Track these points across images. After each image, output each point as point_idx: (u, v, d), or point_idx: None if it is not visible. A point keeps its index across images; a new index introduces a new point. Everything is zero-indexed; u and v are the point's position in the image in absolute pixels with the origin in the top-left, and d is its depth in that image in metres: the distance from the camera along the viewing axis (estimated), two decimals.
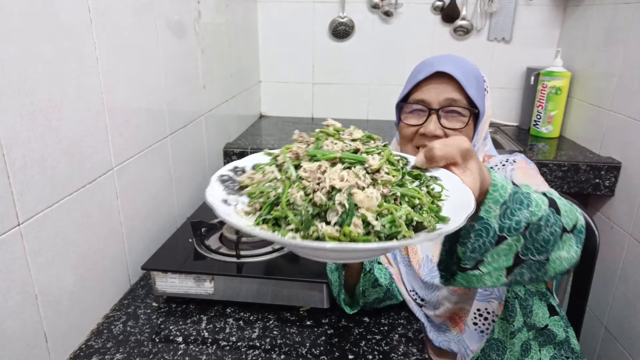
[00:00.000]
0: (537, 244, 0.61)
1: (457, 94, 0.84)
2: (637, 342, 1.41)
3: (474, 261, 0.60)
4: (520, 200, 0.59)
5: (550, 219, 0.61)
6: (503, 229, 0.58)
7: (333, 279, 0.87)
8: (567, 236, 0.64)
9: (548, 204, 0.62)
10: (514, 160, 0.90)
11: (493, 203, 0.58)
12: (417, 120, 0.87)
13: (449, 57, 0.89)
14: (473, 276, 0.61)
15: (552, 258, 0.63)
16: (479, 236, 0.59)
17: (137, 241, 1.05)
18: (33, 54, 0.70)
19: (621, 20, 1.53)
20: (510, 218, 0.58)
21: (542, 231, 0.60)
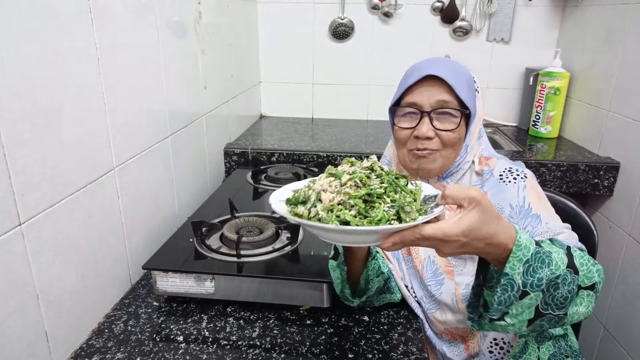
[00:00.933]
0: (557, 300, 0.67)
1: (448, 96, 0.85)
2: (636, 341, 1.42)
3: (500, 312, 0.67)
4: (542, 259, 0.65)
5: (568, 278, 0.66)
6: (526, 284, 0.64)
7: (335, 275, 0.87)
8: (584, 293, 0.69)
9: (567, 263, 0.67)
10: (525, 176, 0.90)
11: (517, 261, 0.63)
12: (410, 123, 0.88)
13: (439, 60, 0.90)
14: (499, 326, 0.68)
15: (570, 313, 0.68)
16: (504, 290, 0.64)
17: (138, 241, 1.05)
18: (34, 54, 0.71)
19: (620, 21, 1.53)
20: (533, 275, 0.64)
21: (560, 289, 0.66)
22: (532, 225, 0.84)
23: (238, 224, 1.09)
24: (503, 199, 0.88)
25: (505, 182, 0.89)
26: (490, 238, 0.61)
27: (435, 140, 0.87)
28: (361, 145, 1.74)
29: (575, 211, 1.17)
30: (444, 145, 0.87)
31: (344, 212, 0.60)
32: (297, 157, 1.65)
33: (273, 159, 1.67)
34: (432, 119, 0.86)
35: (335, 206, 0.61)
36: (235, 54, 1.75)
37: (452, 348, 0.96)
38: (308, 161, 1.65)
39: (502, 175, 0.91)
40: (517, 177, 0.89)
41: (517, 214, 0.86)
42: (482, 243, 0.61)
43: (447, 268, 0.94)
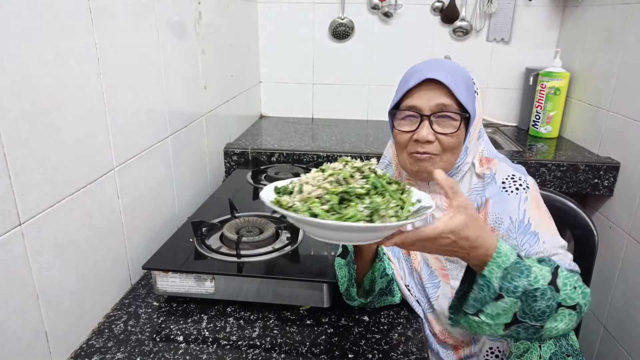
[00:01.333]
0: (535, 312, 0.71)
1: (447, 99, 0.85)
2: (636, 341, 1.42)
3: (475, 309, 0.71)
4: (520, 270, 0.70)
5: (547, 294, 0.71)
6: (502, 289, 0.69)
7: (341, 274, 0.87)
8: (566, 311, 0.73)
9: (549, 281, 0.72)
10: (527, 186, 0.89)
11: (496, 266, 0.69)
12: (409, 127, 0.88)
13: (438, 63, 0.89)
14: (473, 321, 0.72)
15: (547, 327, 0.72)
16: (481, 290, 0.70)
17: (138, 241, 1.05)
18: (34, 54, 0.71)
19: (620, 21, 1.53)
20: (510, 282, 0.69)
21: (538, 302, 0.70)
22: (529, 244, 0.84)
23: (238, 224, 1.09)
24: (504, 210, 0.87)
25: (507, 191, 0.88)
26: (475, 240, 0.67)
27: (435, 144, 0.87)
28: (361, 145, 1.74)
29: (575, 211, 1.17)
30: (444, 149, 0.87)
31: (315, 205, 0.63)
32: (297, 157, 1.65)
33: (273, 159, 1.67)
34: (431, 123, 0.86)
35: (311, 199, 0.64)
36: (235, 54, 1.75)
37: (444, 350, 0.97)
38: (308, 161, 1.65)
39: (505, 183, 0.90)
40: (519, 188, 0.88)
41: (515, 229, 0.85)
42: (467, 244, 0.67)
43: (442, 271, 0.94)
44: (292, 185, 0.70)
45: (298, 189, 0.68)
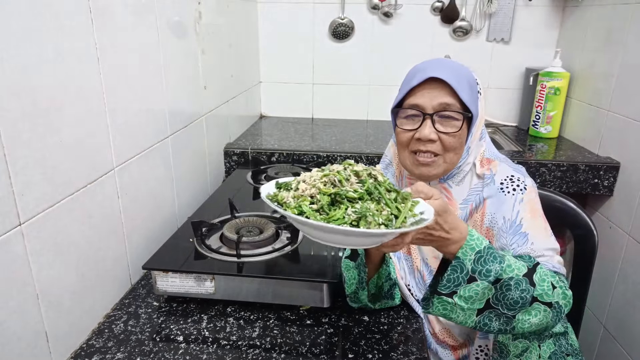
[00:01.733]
0: (507, 300, 0.74)
1: (450, 99, 0.85)
2: (636, 341, 1.42)
3: (449, 290, 0.74)
4: (494, 255, 0.73)
5: (521, 285, 0.73)
6: (475, 271, 0.72)
7: (350, 276, 0.87)
8: (541, 307, 0.75)
9: (524, 273, 0.74)
10: (525, 187, 0.89)
11: (469, 249, 0.72)
12: (412, 125, 0.88)
13: (442, 62, 0.90)
14: (447, 302, 0.75)
15: (519, 318, 0.75)
16: (454, 270, 0.73)
17: (138, 241, 1.05)
18: (34, 54, 0.71)
19: (620, 21, 1.53)
20: (483, 265, 0.72)
21: (512, 291, 0.73)
22: (517, 244, 0.84)
23: (238, 224, 1.09)
24: (499, 210, 0.88)
25: (504, 192, 0.89)
26: (454, 222, 0.71)
27: (437, 143, 0.87)
28: (361, 145, 1.74)
29: (575, 211, 1.17)
30: (446, 149, 0.87)
31: (304, 203, 0.64)
32: (297, 157, 1.65)
33: (273, 159, 1.67)
34: (434, 122, 0.86)
35: (304, 197, 0.65)
36: (235, 54, 1.75)
37: (443, 350, 0.97)
38: (308, 161, 1.65)
39: (503, 183, 0.90)
40: (516, 188, 0.89)
41: (507, 228, 0.86)
42: (448, 227, 0.71)
43: None
44: (293, 183, 0.71)
45: (295, 186, 0.69)
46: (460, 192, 0.92)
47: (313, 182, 0.67)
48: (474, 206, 0.90)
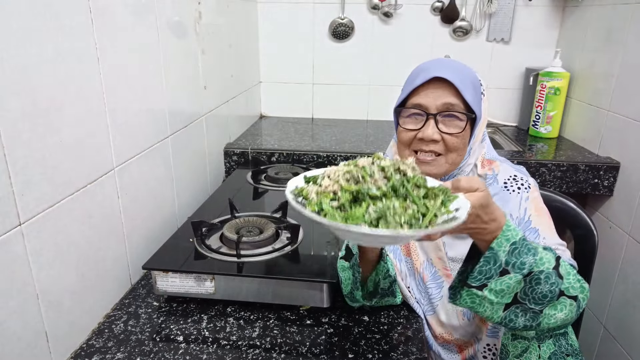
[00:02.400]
0: (536, 295, 0.70)
1: (454, 99, 0.85)
2: (636, 341, 1.42)
3: (479, 282, 0.69)
4: (528, 247, 0.69)
5: (551, 278, 0.70)
6: (509, 263, 0.68)
7: (345, 276, 0.87)
8: (567, 301, 0.72)
9: (554, 265, 0.71)
10: (528, 186, 0.90)
11: (505, 240, 0.68)
12: (415, 125, 0.88)
13: (446, 62, 0.89)
14: (476, 296, 0.71)
15: (546, 313, 0.72)
16: (486, 262, 0.68)
17: (138, 241, 1.05)
18: (34, 54, 0.71)
19: (620, 21, 1.53)
20: (517, 257, 0.68)
21: (542, 285, 0.70)
22: (529, 239, 0.84)
23: (238, 224, 1.09)
24: (504, 208, 0.87)
25: (509, 191, 0.89)
26: (493, 213, 0.67)
27: (439, 144, 0.87)
28: (361, 145, 1.74)
29: (575, 211, 1.17)
30: (448, 149, 0.87)
31: (324, 200, 0.61)
32: (297, 157, 1.65)
33: (273, 159, 1.67)
34: (437, 122, 0.86)
35: (326, 193, 0.62)
36: (235, 54, 1.75)
37: (447, 352, 0.97)
38: (308, 161, 1.65)
39: (507, 183, 0.90)
40: (520, 187, 0.89)
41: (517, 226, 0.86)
42: (487, 217, 0.66)
43: (445, 271, 0.94)
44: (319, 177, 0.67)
45: (320, 181, 0.65)
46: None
47: (337, 177, 0.63)
48: None
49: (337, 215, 0.59)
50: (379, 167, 0.64)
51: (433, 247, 0.94)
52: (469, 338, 0.95)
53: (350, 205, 0.60)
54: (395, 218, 0.57)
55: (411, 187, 0.62)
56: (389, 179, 0.62)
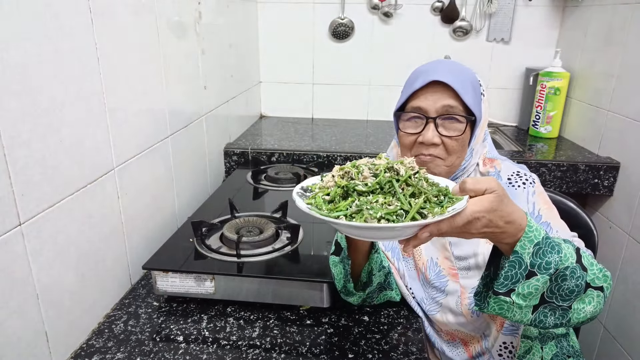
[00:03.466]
0: (563, 292, 0.69)
1: (453, 101, 0.85)
2: (636, 341, 1.42)
3: (506, 288, 0.68)
4: (552, 245, 0.67)
5: (576, 272, 0.68)
6: (534, 265, 0.66)
7: (337, 271, 0.87)
8: (594, 292, 0.71)
9: (576, 259, 0.69)
10: (533, 181, 0.90)
11: (528, 241, 0.66)
12: (415, 129, 0.88)
13: (444, 64, 0.89)
14: (504, 302, 0.69)
15: (575, 308, 0.70)
16: (512, 267, 0.66)
17: (138, 241, 1.05)
18: (34, 54, 0.71)
19: (620, 21, 1.53)
20: (542, 257, 0.66)
21: (568, 281, 0.68)
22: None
23: (238, 224, 1.09)
24: None
25: (514, 186, 0.89)
26: (510, 215, 0.64)
27: (440, 147, 0.87)
28: (361, 145, 1.74)
29: (575, 211, 1.17)
30: (449, 152, 0.87)
31: (318, 195, 0.67)
32: (297, 157, 1.65)
33: (273, 159, 1.67)
34: (437, 125, 0.86)
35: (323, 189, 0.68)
36: (235, 54, 1.75)
37: (452, 348, 0.96)
38: (308, 161, 1.65)
39: (511, 179, 0.90)
40: (525, 182, 0.89)
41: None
42: (502, 221, 0.63)
43: (451, 271, 0.93)
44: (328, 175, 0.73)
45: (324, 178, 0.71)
46: None
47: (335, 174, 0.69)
48: None
49: (324, 206, 0.64)
50: (371, 164, 0.68)
51: (439, 247, 0.94)
52: (475, 333, 0.95)
53: (339, 200, 0.64)
54: (370, 212, 0.60)
55: (400, 185, 0.64)
56: (376, 176, 0.65)
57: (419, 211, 0.61)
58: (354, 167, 0.68)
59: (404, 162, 0.68)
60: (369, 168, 0.68)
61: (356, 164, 0.69)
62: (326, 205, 0.64)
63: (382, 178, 0.65)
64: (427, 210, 0.61)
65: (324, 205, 0.64)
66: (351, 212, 0.61)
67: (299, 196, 0.69)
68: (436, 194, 0.64)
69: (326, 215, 0.62)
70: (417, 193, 0.64)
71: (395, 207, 0.61)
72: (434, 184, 0.68)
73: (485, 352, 0.93)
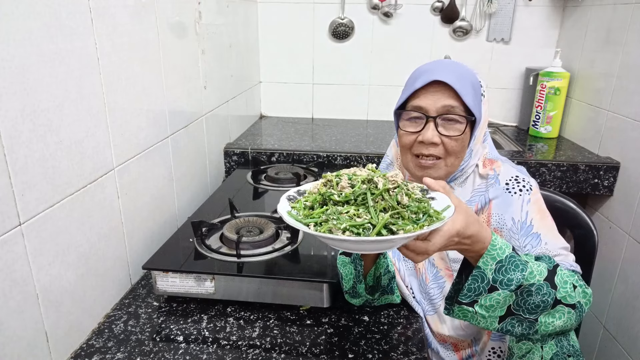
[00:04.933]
0: (528, 305, 0.73)
1: (454, 101, 0.85)
2: (635, 341, 1.42)
3: (469, 299, 0.73)
4: (515, 264, 0.72)
5: (543, 289, 0.73)
6: (496, 281, 0.71)
7: (346, 272, 0.87)
8: (565, 309, 0.75)
9: (546, 276, 0.73)
10: (530, 188, 0.90)
11: (490, 259, 0.71)
12: (414, 128, 0.88)
13: (446, 64, 0.89)
14: (467, 311, 0.74)
15: (542, 321, 0.75)
16: (475, 280, 0.72)
17: (138, 241, 1.05)
18: (34, 54, 0.71)
19: (620, 21, 1.53)
20: (504, 275, 0.71)
21: (533, 296, 0.72)
22: (531, 245, 0.85)
23: (238, 224, 1.09)
24: (506, 211, 0.88)
25: (511, 193, 0.89)
26: (477, 235, 0.69)
27: (439, 147, 0.87)
28: (361, 145, 1.74)
29: (575, 211, 1.17)
30: (448, 153, 0.87)
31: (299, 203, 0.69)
32: (297, 157, 1.65)
33: (273, 159, 1.67)
34: (437, 125, 0.86)
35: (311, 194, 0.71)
36: (235, 54, 1.75)
37: (444, 350, 0.97)
38: (308, 161, 1.65)
39: (509, 184, 0.90)
40: (522, 189, 0.89)
41: (518, 230, 0.86)
42: (470, 241, 0.69)
43: (447, 271, 0.94)
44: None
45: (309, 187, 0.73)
46: (463, 193, 0.93)
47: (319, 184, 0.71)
48: (479, 207, 0.90)
49: (301, 212, 0.66)
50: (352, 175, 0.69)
51: None
52: (466, 338, 0.95)
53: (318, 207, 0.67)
54: (334, 223, 0.62)
55: (375, 198, 0.65)
56: (352, 187, 0.67)
57: (388, 227, 0.61)
58: (337, 177, 0.70)
59: (387, 175, 0.69)
60: (349, 178, 0.69)
61: (340, 173, 0.71)
62: (304, 212, 0.66)
63: (357, 189, 0.66)
64: (396, 226, 0.61)
65: (302, 211, 0.66)
66: (320, 220, 0.63)
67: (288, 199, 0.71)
68: (415, 211, 0.64)
69: (295, 219, 0.65)
70: (387, 208, 0.64)
71: (363, 220, 0.62)
72: (421, 200, 0.67)
73: (475, 355, 0.94)
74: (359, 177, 0.69)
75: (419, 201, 0.66)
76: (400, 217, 0.63)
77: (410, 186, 0.70)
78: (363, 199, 0.65)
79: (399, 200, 0.65)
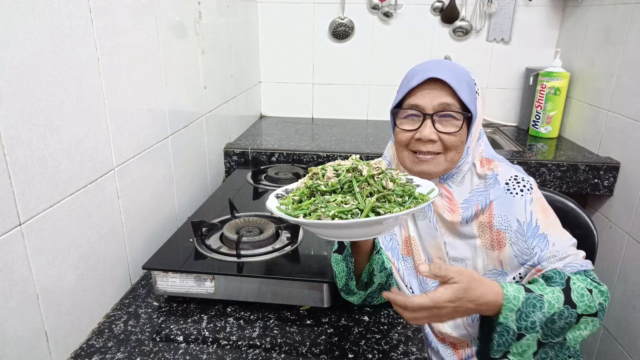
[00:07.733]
0: (554, 332, 0.75)
1: (450, 99, 0.86)
2: (635, 341, 1.42)
3: (501, 353, 0.75)
4: (533, 304, 0.73)
5: (565, 313, 0.75)
6: (521, 328, 0.73)
7: (339, 269, 0.87)
8: (588, 319, 0.77)
9: (563, 301, 0.75)
10: (530, 187, 0.90)
11: (508, 311, 0.72)
12: (412, 126, 0.88)
13: (440, 63, 0.90)
14: None
15: (570, 337, 0.77)
16: (501, 335, 0.73)
17: (138, 241, 1.05)
18: (34, 54, 0.71)
19: (620, 21, 1.53)
20: (526, 319, 0.73)
21: (557, 322, 0.74)
22: (539, 247, 0.86)
23: (238, 224, 1.09)
24: (510, 212, 0.88)
25: (512, 193, 0.89)
26: (478, 299, 0.70)
27: (437, 144, 0.87)
28: (361, 145, 1.74)
29: (575, 211, 1.17)
30: (447, 148, 0.87)
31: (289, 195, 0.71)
32: (297, 157, 1.65)
33: (273, 159, 1.67)
34: (434, 122, 0.86)
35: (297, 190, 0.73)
36: (235, 54, 1.75)
37: (444, 348, 0.97)
38: (308, 161, 1.65)
39: (509, 184, 0.90)
40: (523, 189, 0.89)
41: (524, 231, 0.87)
42: (473, 304, 0.70)
43: None
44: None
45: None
46: (461, 193, 0.93)
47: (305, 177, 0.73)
48: (479, 207, 0.90)
49: (290, 206, 0.68)
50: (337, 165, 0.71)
51: (434, 247, 0.94)
52: (466, 338, 0.95)
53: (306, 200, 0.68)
54: (323, 211, 0.64)
55: (360, 184, 0.67)
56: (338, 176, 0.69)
57: (376, 210, 0.64)
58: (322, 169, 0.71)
59: (370, 162, 0.71)
60: (334, 169, 0.70)
61: (325, 165, 0.73)
62: (294, 206, 0.67)
63: (342, 178, 0.68)
64: (383, 209, 0.64)
65: (290, 206, 0.68)
66: (310, 210, 0.64)
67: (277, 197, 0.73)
68: (400, 194, 0.67)
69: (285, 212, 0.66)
70: (374, 192, 0.67)
71: (351, 205, 0.64)
72: (405, 184, 0.70)
73: (474, 356, 0.94)
74: (343, 166, 0.70)
75: (403, 186, 0.70)
76: (387, 200, 0.66)
77: (394, 173, 0.72)
78: (349, 186, 0.67)
79: (384, 185, 0.68)
